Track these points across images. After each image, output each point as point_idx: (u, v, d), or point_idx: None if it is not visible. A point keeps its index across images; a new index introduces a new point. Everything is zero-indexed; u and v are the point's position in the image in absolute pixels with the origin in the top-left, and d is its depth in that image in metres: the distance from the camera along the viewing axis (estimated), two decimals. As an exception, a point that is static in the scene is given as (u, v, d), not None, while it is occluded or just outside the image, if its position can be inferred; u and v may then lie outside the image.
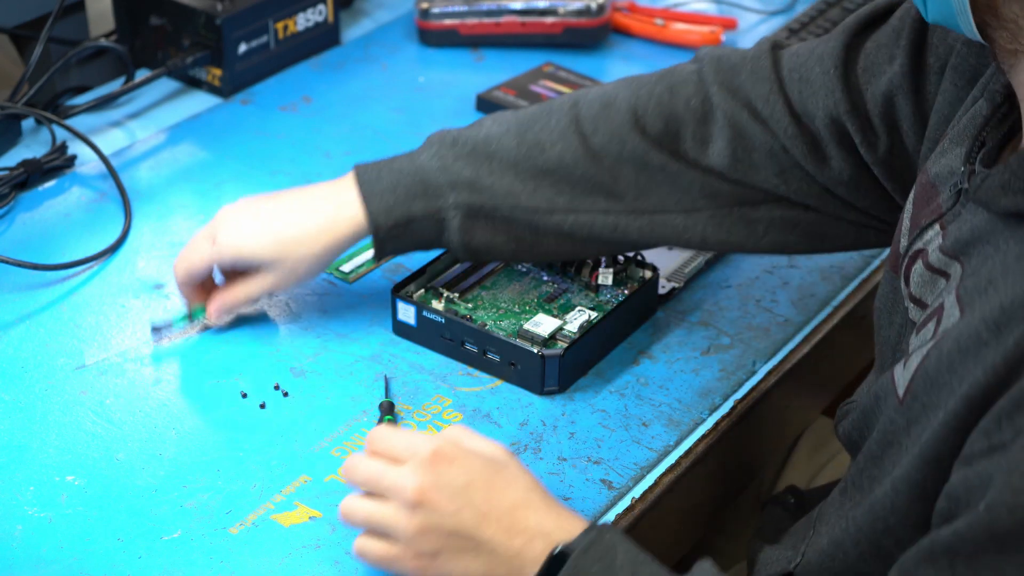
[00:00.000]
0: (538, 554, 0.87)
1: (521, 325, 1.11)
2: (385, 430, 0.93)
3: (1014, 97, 0.88)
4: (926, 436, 0.84)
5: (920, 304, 0.93)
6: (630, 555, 0.86)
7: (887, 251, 1.28)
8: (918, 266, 0.93)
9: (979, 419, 0.79)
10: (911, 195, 0.97)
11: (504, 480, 0.89)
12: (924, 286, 0.92)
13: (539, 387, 1.09)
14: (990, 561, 0.75)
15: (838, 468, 1.29)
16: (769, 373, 1.14)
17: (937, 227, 0.92)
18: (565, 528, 0.88)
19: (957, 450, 0.80)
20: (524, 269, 1.19)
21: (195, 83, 1.49)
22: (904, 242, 0.97)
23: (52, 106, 1.42)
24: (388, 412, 1.05)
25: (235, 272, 1.13)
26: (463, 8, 1.59)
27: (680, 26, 1.62)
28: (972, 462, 0.78)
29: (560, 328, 1.11)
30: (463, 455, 0.90)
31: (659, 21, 1.63)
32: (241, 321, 1.16)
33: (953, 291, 0.87)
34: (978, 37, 0.85)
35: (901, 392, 0.88)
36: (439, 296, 1.15)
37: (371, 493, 0.91)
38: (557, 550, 0.86)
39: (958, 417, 0.80)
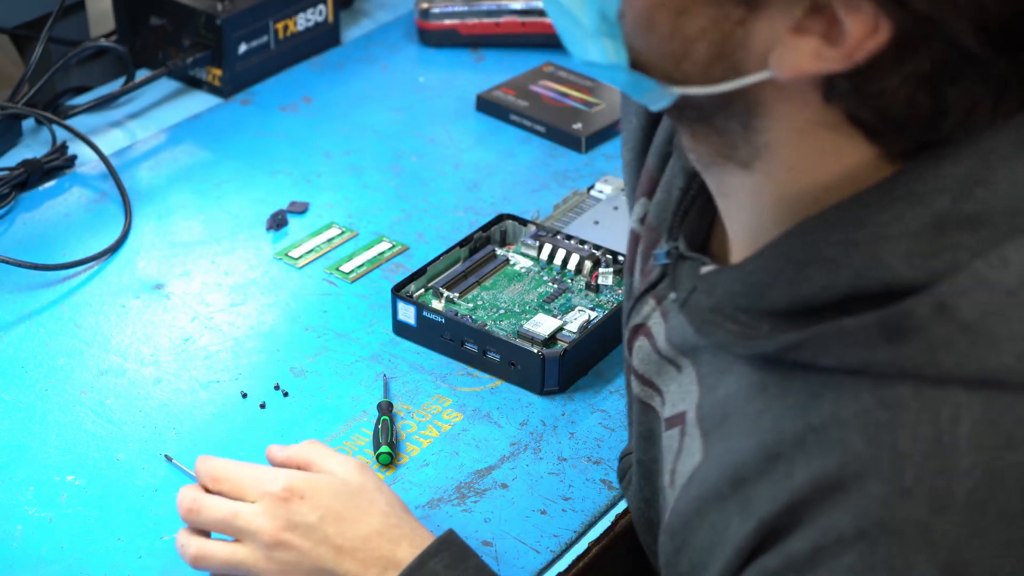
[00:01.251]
0: None
1: (521, 325, 1.11)
2: (229, 464, 0.91)
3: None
4: None
5: (649, 385, 0.85)
6: None
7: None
8: (643, 343, 0.85)
9: None
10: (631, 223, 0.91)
11: (358, 509, 0.88)
12: (651, 366, 0.84)
13: (539, 387, 1.09)
14: None
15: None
16: (769, 373, 1.14)
17: (653, 303, 0.84)
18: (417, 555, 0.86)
19: None
20: (524, 269, 1.19)
21: (195, 83, 1.49)
22: (627, 283, 0.90)
23: (52, 106, 1.42)
24: (387, 412, 1.05)
25: None
26: (463, 8, 1.59)
27: (680, 26, 1.62)
28: None
29: (560, 328, 1.11)
30: (313, 489, 0.88)
31: (659, 21, 1.63)
32: (241, 321, 1.16)
33: (692, 408, 0.79)
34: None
35: (665, 519, 0.82)
36: (439, 296, 1.15)
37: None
38: None
39: None
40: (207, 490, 0.91)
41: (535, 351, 1.08)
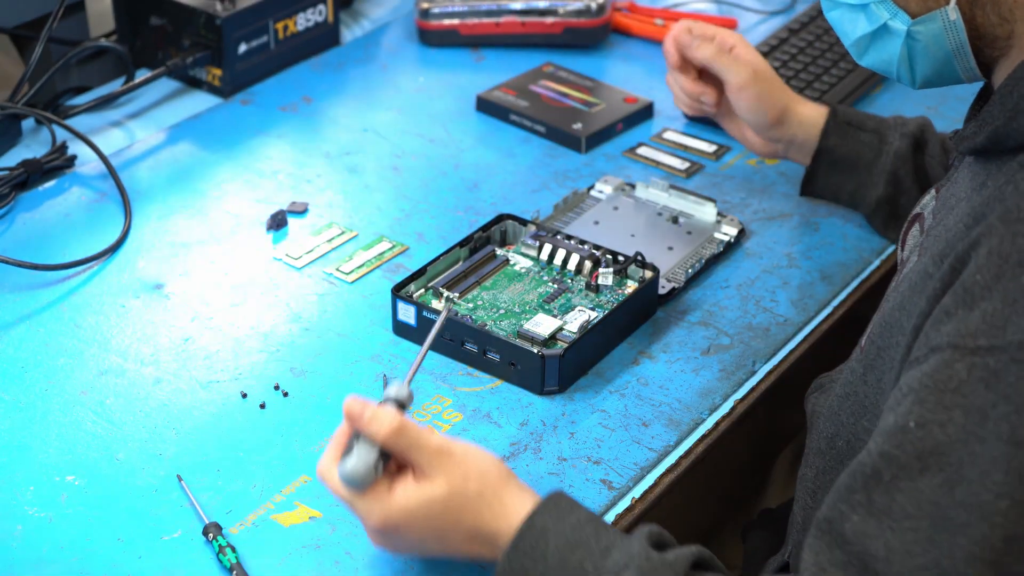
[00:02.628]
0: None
1: (521, 325, 1.11)
2: (333, 485, 0.90)
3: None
4: (889, 377, 0.86)
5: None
6: (561, 539, 0.85)
7: (887, 252, 1.29)
8: (915, 230, 0.99)
9: None
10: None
11: (454, 519, 0.89)
12: (913, 240, 0.99)
13: (539, 387, 1.09)
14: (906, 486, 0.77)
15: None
16: (769, 373, 1.14)
17: (933, 191, 1.00)
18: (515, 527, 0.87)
19: None
20: (524, 270, 1.19)
21: (195, 83, 1.49)
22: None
23: (52, 106, 1.42)
24: None
25: None
26: (463, 8, 1.59)
27: (680, 26, 1.62)
28: (899, 376, 0.82)
29: (560, 328, 1.11)
30: (408, 521, 0.88)
31: (659, 21, 1.63)
32: (242, 321, 1.16)
33: (920, 245, 0.93)
34: (978, 74, 0.92)
35: (863, 341, 0.92)
36: (439, 296, 1.15)
37: None
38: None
39: (909, 348, 0.83)
40: None
41: (535, 351, 1.08)
